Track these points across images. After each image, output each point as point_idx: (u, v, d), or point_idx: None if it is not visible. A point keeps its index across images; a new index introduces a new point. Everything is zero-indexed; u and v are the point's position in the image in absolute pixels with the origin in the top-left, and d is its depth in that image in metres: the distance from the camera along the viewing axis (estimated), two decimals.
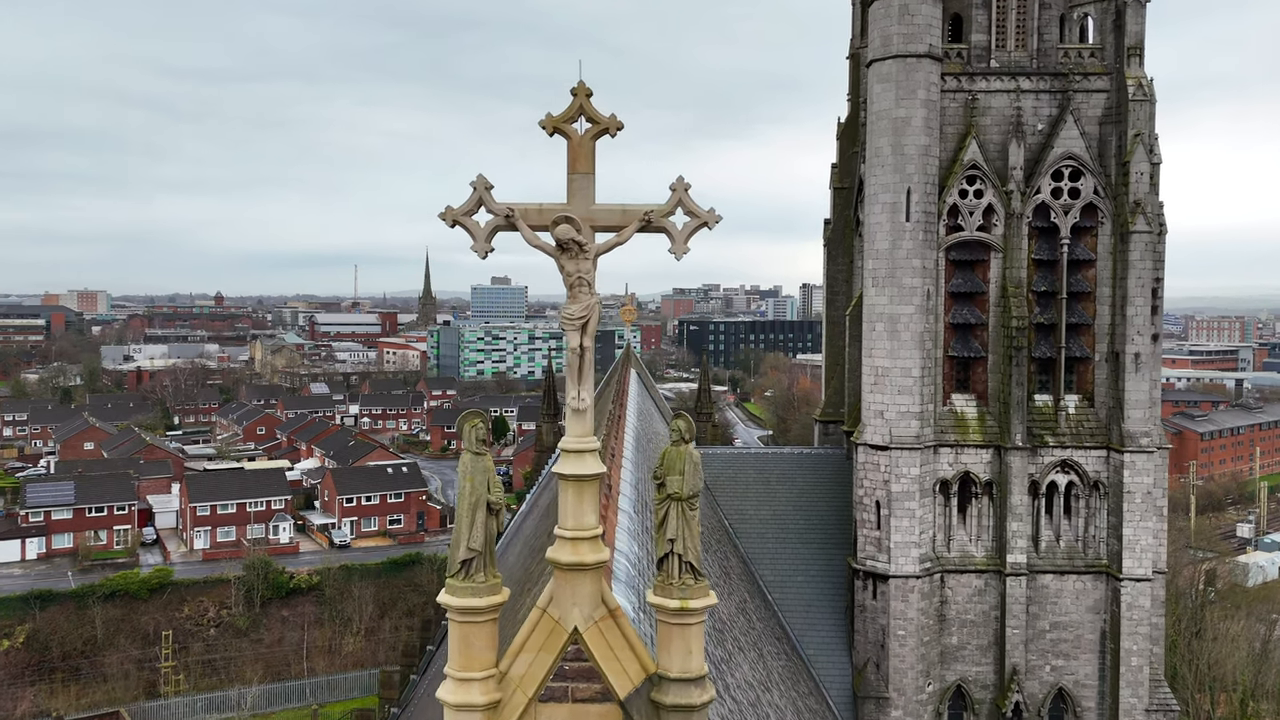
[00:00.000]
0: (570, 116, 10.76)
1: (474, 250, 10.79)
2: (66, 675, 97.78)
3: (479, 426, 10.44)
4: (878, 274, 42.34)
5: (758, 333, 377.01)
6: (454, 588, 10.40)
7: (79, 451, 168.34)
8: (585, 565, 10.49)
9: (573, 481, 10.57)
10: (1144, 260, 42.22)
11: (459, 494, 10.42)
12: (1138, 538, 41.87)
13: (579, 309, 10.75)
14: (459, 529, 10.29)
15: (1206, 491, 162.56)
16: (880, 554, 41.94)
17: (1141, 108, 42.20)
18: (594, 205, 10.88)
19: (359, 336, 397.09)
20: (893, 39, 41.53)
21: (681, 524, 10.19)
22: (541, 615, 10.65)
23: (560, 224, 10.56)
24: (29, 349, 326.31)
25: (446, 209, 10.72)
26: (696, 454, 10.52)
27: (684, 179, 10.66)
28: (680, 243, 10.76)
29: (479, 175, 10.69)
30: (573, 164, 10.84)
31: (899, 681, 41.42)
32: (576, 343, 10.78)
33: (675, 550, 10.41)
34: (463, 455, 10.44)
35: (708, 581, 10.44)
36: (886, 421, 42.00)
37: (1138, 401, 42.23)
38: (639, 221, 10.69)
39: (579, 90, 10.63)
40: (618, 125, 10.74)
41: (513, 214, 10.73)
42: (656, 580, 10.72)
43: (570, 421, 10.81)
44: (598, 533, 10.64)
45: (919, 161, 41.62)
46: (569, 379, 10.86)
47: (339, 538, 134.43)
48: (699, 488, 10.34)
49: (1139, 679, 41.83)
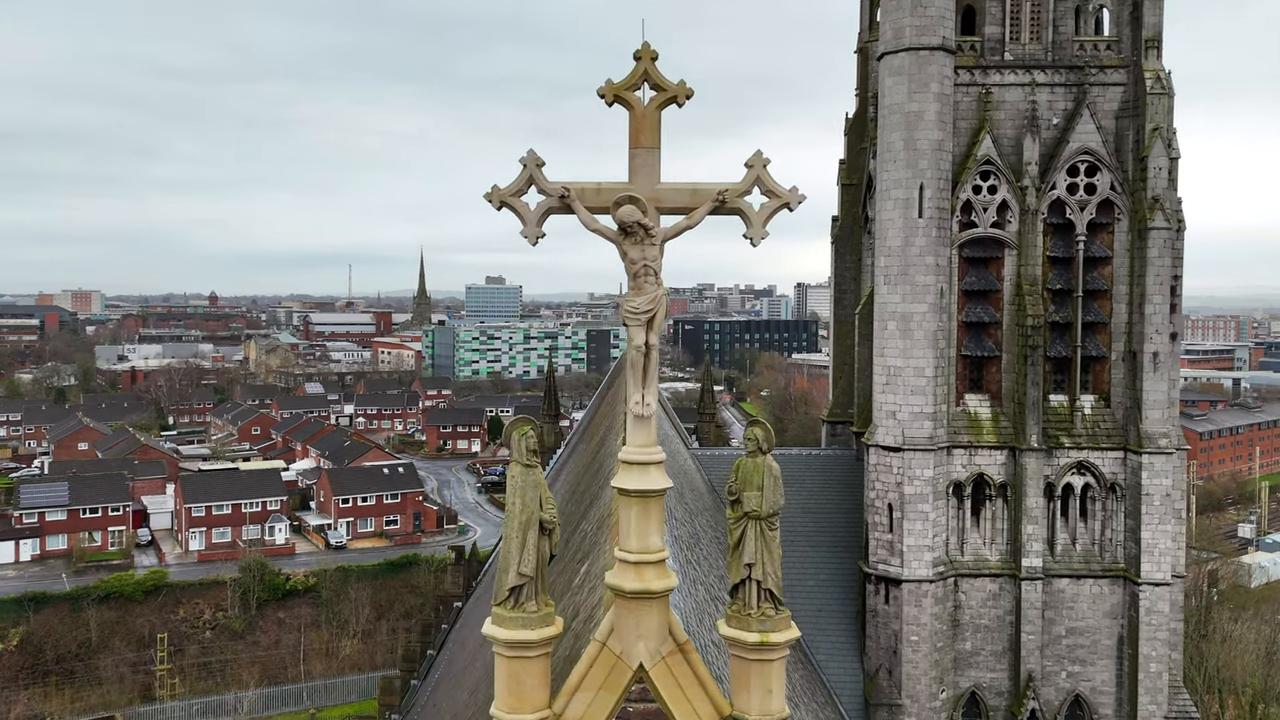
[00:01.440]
0: (633, 83, 9.32)
1: (524, 235, 9.37)
2: (61, 679, 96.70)
3: (529, 435, 9.20)
4: (890, 271, 41.41)
5: (753, 332, 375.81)
6: (502, 618, 9.09)
7: (73, 452, 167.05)
8: (652, 593, 9.12)
9: (636, 498, 9.19)
10: (1162, 257, 41.31)
11: (508, 511, 9.21)
12: (1156, 541, 40.95)
13: (644, 301, 9.32)
14: (507, 551, 9.01)
15: (1206, 491, 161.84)
16: (893, 558, 41.02)
17: (1160, 101, 41.28)
18: (660, 184, 9.46)
19: (354, 336, 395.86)
20: (905, 31, 40.59)
21: (760, 546, 8.92)
22: (601, 649, 9.27)
23: (623, 205, 9.19)
24: (23, 349, 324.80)
25: (493, 189, 9.36)
26: (776, 466, 9.21)
27: (762, 154, 9.19)
28: (758, 226, 9.39)
29: (529, 151, 9.29)
30: (635, 137, 9.38)
31: (912, 688, 40.48)
32: (641, 340, 9.40)
33: (754, 576, 9.17)
34: (511, 467, 9.24)
35: (789, 612, 9.21)
36: (899, 422, 41.07)
37: (1156, 401, 41.32)
38: (712, 202, 9.28)
39: (643, 53, 9.11)
40: (687, 93, 9.26)
41: (568, 194, 9.35)
42: (730, 610, 9.47)
43: (632, 429, 9.50)
44: (664, 556, 9.34)
45: (932, 156, 40.68)
46: (631, 381, 9.54)
47: (335, 539, 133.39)
48: (780, 505, 9.08)
49: (1158, 685, 40.93)
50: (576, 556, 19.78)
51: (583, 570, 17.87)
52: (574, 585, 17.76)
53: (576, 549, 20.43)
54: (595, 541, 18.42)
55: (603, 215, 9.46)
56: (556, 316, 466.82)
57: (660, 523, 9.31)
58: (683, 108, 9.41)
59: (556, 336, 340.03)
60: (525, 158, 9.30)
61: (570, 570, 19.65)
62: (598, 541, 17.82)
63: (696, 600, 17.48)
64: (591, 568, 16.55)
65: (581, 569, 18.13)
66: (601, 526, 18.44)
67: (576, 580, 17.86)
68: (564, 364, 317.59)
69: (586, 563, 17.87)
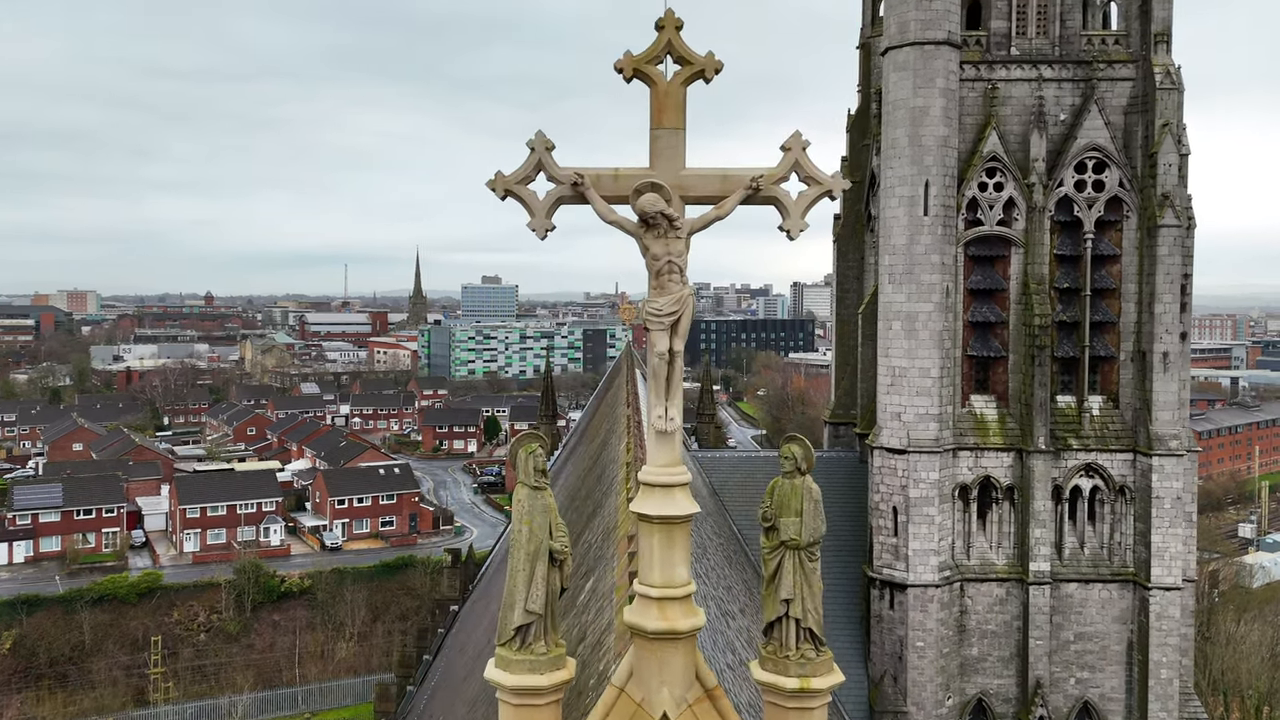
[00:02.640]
0: (655, 55, 8.34)
1: (530, 228, 8.44)
2: (53, 682, 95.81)
3: (538, 454, 8.13)
4: (894, 270, 40.66)
5: (749, 332, 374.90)
6: (507, 660, 8.06)
7: (68, 453, 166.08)
8: (678, 634, 8.09)
9: (659, 525, 8.06)
10: (1172, 255, 40.56)
11: (513, 539, 8.19)
12: (1167, 545, 40.19)
13: (669, 302, 8.24)
14: (513, 585, 8.01)
15: (1206, 491, 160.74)
16: (898, 562, 40.27)
17: (1169, 96, 40.55)
18: (685, 170, 8.46)
19: (349, 336, 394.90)
20: (910, 25, 39.83)
21: (799, 579, 7.70)
22: (619, 696, 8.22)
23: (644, 193, 8.18)
24: (18, 349, 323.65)
25: (497, 175, 8.41)
26: (817, 489, 8.08)
27: (801, 135, 8.34)
28: (797, 216, 8.36)
29: (538, 132, 8.37)
30: (658, 116, 8.38)
31: (917, 695, 39.74)
32: (665, 346, 8.27)
33: (792, 614, 7.93)
34: (517, 490, 8.18)
35: (831, 653, 8.16)
36: (904, 424, 40.31)
37: (1166, 403, 40.58)
38: (744, 190, 8.29)
39: (667, 21, 8.17)
40: (716, 66, 8.32)
41: (581, 181, 8.36)
42: (765, 651, 8.40)
43: (653, 446, 8.37)
44: (690, 590, 8.26)
45: (937, 153, 39.93)
46: (653, 392, 8.45)
47: (330, 540, 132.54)
48: (822, 533, 8.00)
49: (1168, 692, 40.15)
50: (580, 571, 18.81)
51: (588, 587, 16.89)
52: (579, 604, 16.78)
53: (580, 562, 19.46)
54: (601, 555, 17.43)
55: (621, 205, 8.46)
56: (553, 316, 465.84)
57: (686, 552, 8.28)
58: (710, 83, 8.43)
59: (553, 336, 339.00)
60: (533, 140, 8.37)
61: (574, 586, 18.67)
62: (604, 555, 16.85)
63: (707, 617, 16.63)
64: (598, 584, 15.60)
65: (587, 585, 17.15)
66: (608, 538, 17.49)
67: (582, 598, 16.87)
68: (560, 364, 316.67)
69: (592, 578, 16.90)
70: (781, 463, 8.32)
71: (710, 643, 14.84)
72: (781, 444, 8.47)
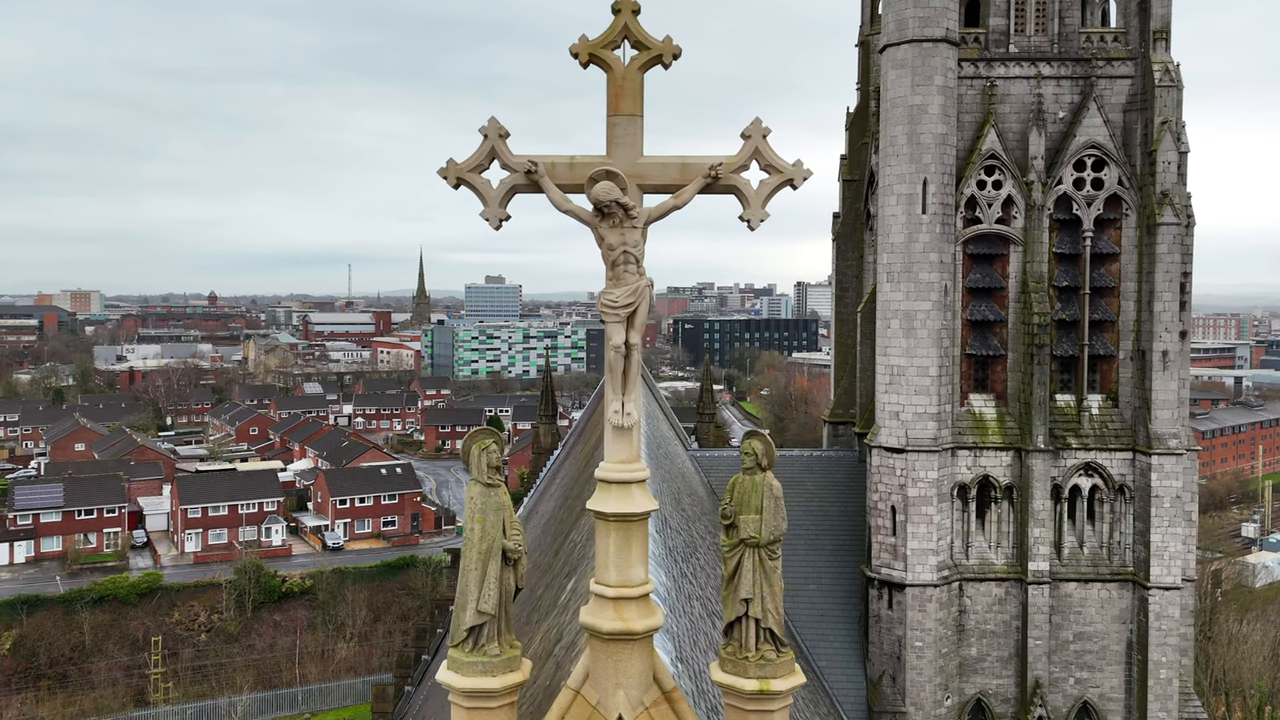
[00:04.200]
0: (611, 40, 8.08)
1: (484, 217, 8.17)
2: (53, 683, 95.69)
3: (491, 450, 7.90)
4: (893, 269, 40.46)
5: (753, 331, 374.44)
6: (459, 662, 7.82)
7: (70, 453, 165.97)
8: (633, 635, 7.81)
9: (615, 523, 7.86)
10: (1171, 253, 40.34)
11: (465, 539, 7.94)
12: (1166, 544, 39.98)
13: (624, 294, 8.01)
14: (465, 584, 7.86)
15: (1209, 491, 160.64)
16: (896, 561, 40.07)
17: (1168, 94, 40.34)
18: (643, 158, 8.17)
19: (353, 336, 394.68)
20: (908, 23, 39.64)
21: (759, 578, 7.59)
22: (574, 698, 7.99)
23: (599, 181, 7.87)
24: (21, 349, 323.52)
25: (449, 163, 8.13)
26: (778, 485, 7.91)
27: (761, 123, 7.98)
28: (757, 205, 8.08)
29: (490, 119, 8.00)
30: (614, 103, 8.12)
31: (916, 695, 39.54)
32: (620, 339, 8.08)
33: (751, 613, 7.82)
34: (470, 487, 7.91)
35: (792, 653, 7.91)
36: (902, 423, 40.12)
37: (1165, 401, 40.36)
38: (703, 178, 8.00)
39: (623, 5, 7.90)
40: (674, 51, 8.04)
41: (535, 169, 8.06)
42: (724, 651, 8.17)
43: (610, 442, 8.16)
44: (648, 589, 7.99)
45: (936, 151, 39.73)
46: (609, 386, 8.29)
47: (332, 540, 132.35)
48: (782, 530, 7.81)
49: (1168, 692, 39.94)
50: (564, 571, 18.61)
51: (569, 586, 16.65)
52: (560, 603, 16.58)
53: (565, 562, 19.25)
54: (584, 554, 17.19)
55: (577, 194, 8.19)
56: (556, 316, 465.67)
57: (644, 551, 8.02)
58: (669, 69, 8.10)
59: (556, 336, 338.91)
60: (485, 127, 8.04)
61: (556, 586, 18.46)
62: (586, 555, 16.61)
63: (691, 618, 16.40)
64: (579, 584, 15.40)
65: (569, 585, 16.92)
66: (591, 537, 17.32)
67: (563, 598, 16.66)
68: (564, 363, 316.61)
69: (574, 578, 16.66)
70: (742, 459, 8.13)
71: (691, 643, 14.68)
72: (742, 440, 8.27)
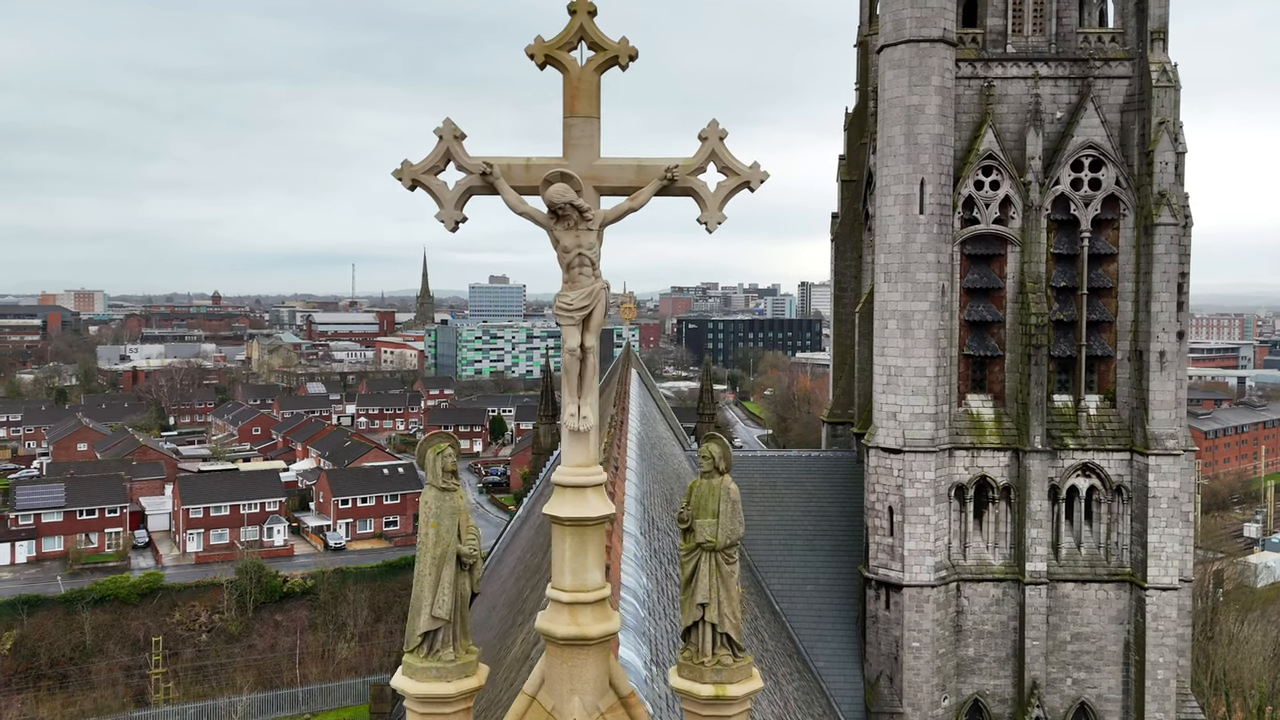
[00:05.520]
0: (567, 41, 8.08)
1: (440, 219, 8.17)
2: (54, 683, 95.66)
3: (446, 454, 7.91)
4: (890, 269, 40.44)
5: (756, 331, 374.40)
6: (413, 668, 7.81)
7: (72, 453, 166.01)
8: (588, 640, 7.84)
9: (570, 527, 7.88)
10: (1169, 254, 40.31)
11: (420, 543, 7.94)
12: (1163, 544, 39.94)
13: (580, 296, 8.10)
14: (419, 590, 7.87)
15: (1211, 491, 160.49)
16: (893, 562, 40.05)
17: (1166, 94, 40.31)
18: (599, 159, 8.20)
19: (356, 336, 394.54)
20: (905, 23, 39.61)
21: (716, 583, 7.47)
22: (530, 704, 7.98)
23: (554, 183, 7.89)
24: (25, 349, 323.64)
25: (403, 164, 8.16)
26: (735, 489, 7.83)
27: (718, 124, 8.06)
28: (714, 209, 8.11)
29: (445, 120, 8.04)
30: (571, 104, 8.17)
31: (913, 696, 39.52)
32: (576, 342, 8.24)
33: (708, 618, 7.72)
34: (425, 492, 7.92)
35: (751, 656, 7.88)
36: (900, 423, 40.09)
37: (1162, 402, 40.33)
38: (659, 180, 8.02)
39: (579, 5, 7.95)
40: (631, 53, 7.99)
41: (490, 171, 8.06)
42: (681, 657, 8.12)
43: (567, 446, 8.17)
44: (604, 593, 7.99)
45: (933, 151, 39.70)
46: (565, 389, 8.29)
47: (334, 540, 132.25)
48: (739, 534, 7.71)
49: (1165, 693, 39.91)
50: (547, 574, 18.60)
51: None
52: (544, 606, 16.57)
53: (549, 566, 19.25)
54: None
55: (534, 196, 8.17)
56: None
57: (600, 556, 7.97)
58: (626, 70, 8.12)
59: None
60: (441, 128, 8.09)
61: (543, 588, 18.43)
62: None
63: (673, 620, 16.34)
64: None
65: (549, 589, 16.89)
66: None
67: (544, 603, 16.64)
68: None
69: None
70: (700, 462, 8.09)
71: (671, 645, 14.64)
72: (701, 443, 8.23)
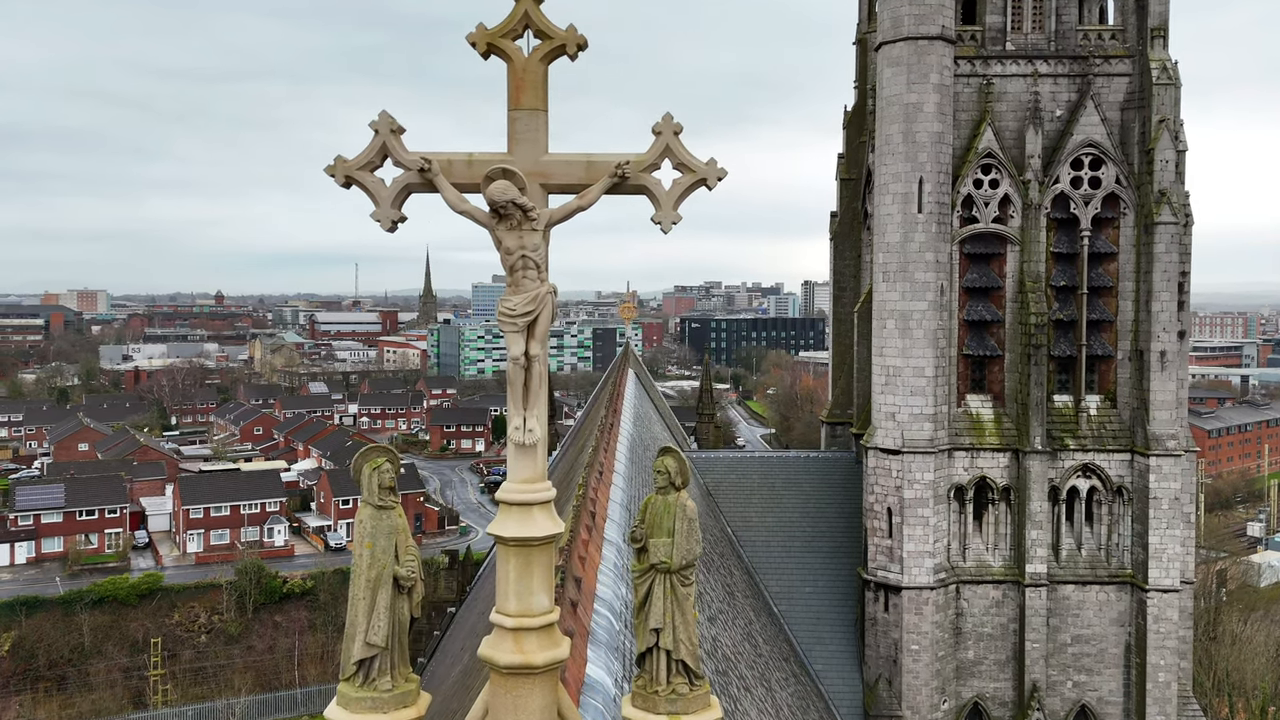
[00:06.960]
0: (511, 30, 7.64)
1: (375, 219, 7.72)
2: (52, 685, 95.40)
3: (384, 469, 7.51)
4: (888, 268, 40.10)
5: (760, 330, 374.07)
6: (348, 698, 7.42)
7: (73, 453, 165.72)
8: (533, 669, 7.31)
9: (515, 548, 7.37)
10: (1169, 253, 39.96)
11: (354, 565, 7.50)
12: (1164, 546, 39.59)
13: (523, 301, 7.58)
14: (354, 614, 7.44)
15: (1214, 490, 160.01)
16: (892, 564, 39.73)
17: (1166, 92, 39.95)
18: (546, 155, 7.80)
19: (359, 335, 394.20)
20: (904, 20, 39.28)
21: (671, 607, 6.94)
22: None
23: (495, 180, 7.40)
24: (27, 349, 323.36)
25: (336, 160, 7.71)
26: (692, 506, 7.37)
27: (673, 118, 7.67)
28: (669, 208, 7.69)
29: (381, 113, 7.62)
30: (515, 96, 7.71)
31: (913, 699, 39.19)
32: (520, 350, 7.70)
33: (662, 644, 7.24)
34: (360, 509, 7.49)
35: (708, 683, 7.46)
36: (898, 424, 39.77)
37: (1163, 402, 39.98)
38: (610, 178, 7.61)
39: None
40: (579, 42, 7.63)
41: (428, 167, 7.60)
42: (635, 684, 7.65)
43: (512, 460, 7.72)
44: (551, 618, 7.48)
45: (932, 149, 39.36)
46: (510, 400, 7.80)
47: (334, 540, 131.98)
48: (696, 555, 7.27)
49: (1166, 695, 39.57)
50: None
51: None
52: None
53: None
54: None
55: (478, 195, 7.70)
56: (562, 315, 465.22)
57: (547, 579, 7.52)
58: (575, 60, 7.75)
59: (562, 335, 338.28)
60: (376, 122, 7.65)
61: None
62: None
63: None
64: None
65: None
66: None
67: None
68: (570, 362, 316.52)
69: None
70: (655, 477, 7.67)
71: None
72: (656, 456, 7.85)
